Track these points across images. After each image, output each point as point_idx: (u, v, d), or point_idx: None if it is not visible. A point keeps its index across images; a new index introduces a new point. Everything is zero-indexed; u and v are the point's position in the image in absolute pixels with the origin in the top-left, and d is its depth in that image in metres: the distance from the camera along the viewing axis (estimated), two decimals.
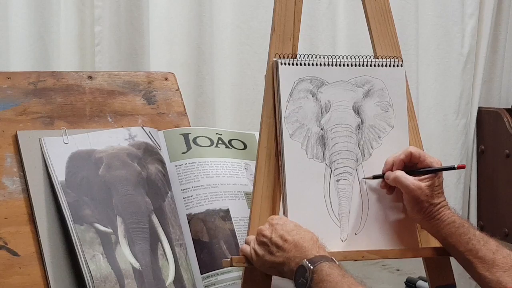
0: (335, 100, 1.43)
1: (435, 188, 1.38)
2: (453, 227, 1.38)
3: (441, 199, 1.39)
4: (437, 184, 1.39)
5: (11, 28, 2.16)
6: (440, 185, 1.39)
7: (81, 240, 1.41)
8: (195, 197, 1.55)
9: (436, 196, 1.38)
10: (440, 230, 1.39)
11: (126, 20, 2.28)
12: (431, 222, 1.39)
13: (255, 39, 2.43)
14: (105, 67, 2.25)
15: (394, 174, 1.39)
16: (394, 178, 1.39)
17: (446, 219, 1.38)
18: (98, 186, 1.47)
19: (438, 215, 1.38)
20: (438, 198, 1.39)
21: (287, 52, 1.41)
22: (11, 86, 1.54)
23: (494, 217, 2.71)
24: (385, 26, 1.49)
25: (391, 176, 1.40)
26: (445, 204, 1.39)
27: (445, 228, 1.38)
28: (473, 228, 1.39)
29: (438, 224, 1.38)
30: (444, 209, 1.39)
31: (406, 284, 1.79)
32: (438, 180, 1.39)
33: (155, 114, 1.66)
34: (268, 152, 1.38)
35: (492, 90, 2.88)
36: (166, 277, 1.47)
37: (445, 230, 1.38)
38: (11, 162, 1.46)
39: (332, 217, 1.40)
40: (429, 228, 1.41)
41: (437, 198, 1.38)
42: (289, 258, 1.27)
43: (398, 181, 1.39)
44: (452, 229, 1.38)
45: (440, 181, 1.39)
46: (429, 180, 1.38)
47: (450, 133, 2.75)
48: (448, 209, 1.39)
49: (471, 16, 2.73)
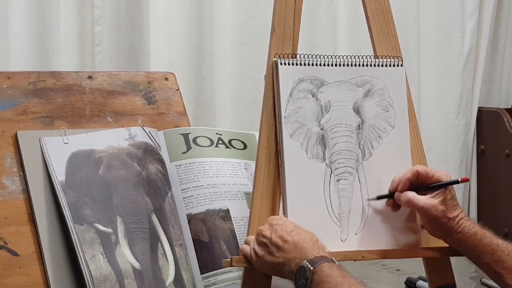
0: (335, 100, 1.43)
1: (448, 202, 1.38)
2: (475, 239, 1.37)
3: (458, 211, 1.38)
4: (450, 198, 1.38)
5: (11, 28, 2.15)
6: (453, 197, 1.39)
7: (81, 240, 1.41)
8: (195, 197, 1.55)
9: (452, 210, 1.38)
10: (463, 243, 1.38)
11: (126, 20, 2.28)
12: (453, 236, 1.38)
13: (255, 39, 2.43)
14: (105, 67, 2.25)
15: (406, 196, 1.39)
16: (407, 200, 1.38)
17: (467, 231, 1.37)
18: (98, 186, 1.47)
19: (459, 229, 1.37)
20: (455, 211, 1.38)
21: (287, 52, 1.41)
22: (11, 86, 1.54)
23: (494, 217, 2.71)
24: (385, 26, 1.49)
25: (402, 198, 1.39)
26: (463, 216, 1.38)
27: (467, 241, 1.37)
28: (495, 237, 1.38)
29: (460, 237, 1.38)
30: (463, 221, 1.38)
31: (406, 284, 1.79)
32: (450, 193, 1.38)
33: (155, 114, 1.66)
34: (268, 152, 1.38)
35: (492, 90, 2.88)
36: (166, 277, 1.47)
37: (468, 242, 1.37)
38: (11, 162, 1.46)
39: (332, 217, 1.40)
40: (452, 242, 1.40)
41: (454, 212, 1.38)
42: (289, 259, 1.27)
43: (411, 203, 1.38)
44: (474, 241, 1.37)
45: (452, 194, 1.39)
46: (441, 195, 1.38)
47: (450, 133, 2.75)
48: (468, 221, 1.38)
49: (471, 16, 2.73)
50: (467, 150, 2.78)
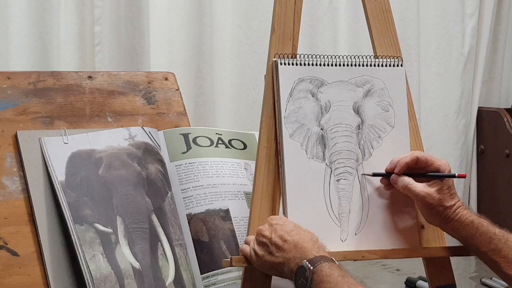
0: (335, 100, 1.43)
1: (445, 191, 1.38)
2: (473, 227, 1.37)
3: (454, 200, 1.38)
4: (447, 187, 1.38)
5: (11, 28, 2.16)
6: (450, 187, 1.39)
7: (81, 240, 1.41)
8: (195, 197, 1.55)
9: (449, 198, 1.38)
10: (459, 231, 1.38)
11: (126, 20, 2.28)
12: (449, 224, 1.38)
13: (255, 39, 2.42)
14: (105, 67, 2.25)
15: (403, 182, 1.39)
16: (403, 186, 1.39)
17: (464, 220, 1.37)
18: (98, 186, 1.47)
19: (456, 217, 1.37)
20: (451, 200, 1.38)
21: (287, 52, 1.41)
22: (11, 86, 1.54)
23: (494, 217, 2.70)
24: (385, 26, 1.49)
25: (399, 182, 1.39)
26: (460, 205, 1.38)
27: (464, 230, 1.38)
28: (492, 226, 1.39)
29: (457, 226, 1.38)
30: (460, 210, 1.38)
31: (406, 284, 1.79)
32: (446, 183, 1.39)
33: (155, 114, 1.66)
34: (268, 152, 1.38)
35: (492, 90, 2.87)
36: (166, 277, 1.47)
37: (465, 231, 1.38)
38: (11, 162, 1.46)
39: (332, 217, 1.40)
40: (449, 230, 1.40)
41: (450, 200, 1.38)
42: (289, 259, 1.27)
43: (407, 189, 1.39)
44: (471, 229, 1.37)
45: (449, 184, 1.39)
46: (437, 184, 1.38)
47: (450, 133, 2.75)
48: (465, 209, 1.38)
49: (471, 16, 2.73)
50: (467, 150, 2.78)
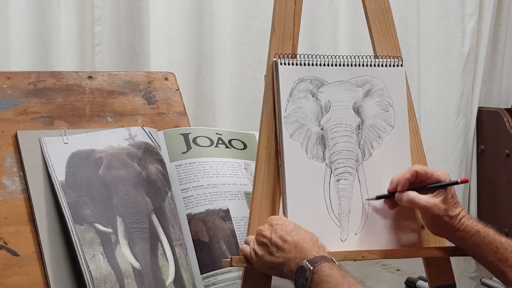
0: (335, 100, 1.43)
1: (449, 200, 1.38)
2: (479, 237, 1.37)
3: (458, 209, 1.38)
4: (450, 196, 1.38)
5: (11, 28, 2.15)
6: (453, 196, 1.39)
7: (81, 240, 1.41)
8: (195, 197, 1.55)
9: (453, 208, 1.38)
10: (466, 241, 1.38)
11: (126, 20, 2.28)
12: (456, 234, 1.38)
13: (255, 39, 2.42)
14: (105, 67, 2.25)
15: (407, 196, 1.39)
16: (408, 200, 1.39)
17: (470, 230, 1.38)
18: (98, 186, 1.47)
19: (461, 227, 1.38)
20: (456, 209, 1.38)
21: (287, 52, 1.41)
22: (11, 86, 1.54)
23: (494, 217, 2.71)
24: (385, 26, 1.49)
25: (403, 198, 1.39)
26: (464, 214, 1.38)
27: (470, 239, 1.38)
28: (498, 235, 1.38)
29: (463, 236, 1.38)
30: (465, 219, 1.38)
31: (406, 284, 1.79)
32: (450, 191, 1.39)
33: (155, 114, 1.67)
34: (268, 152, 1.38)
35: (492, 90, 2.87)
36: (166, 277, 1.47)
37: (471, 241, 1.38)
38: (11, 162, 1.46)
39: (332, 217, 1.40)
40: (455, 240, 1.40)
41: (455, 210, 1.38)
42: (289, 259, 1.27)
43: (413, 202, 1.39)
44: (478, 239, 1.37)
45: (452, 192, 1.39)
46: (441, 194, 1.38)
47: (450, 133, 2.74)
48: (470, 219, 1.39)
49: (471, 16, 2.73)
50: (467, 150, 2.78)
